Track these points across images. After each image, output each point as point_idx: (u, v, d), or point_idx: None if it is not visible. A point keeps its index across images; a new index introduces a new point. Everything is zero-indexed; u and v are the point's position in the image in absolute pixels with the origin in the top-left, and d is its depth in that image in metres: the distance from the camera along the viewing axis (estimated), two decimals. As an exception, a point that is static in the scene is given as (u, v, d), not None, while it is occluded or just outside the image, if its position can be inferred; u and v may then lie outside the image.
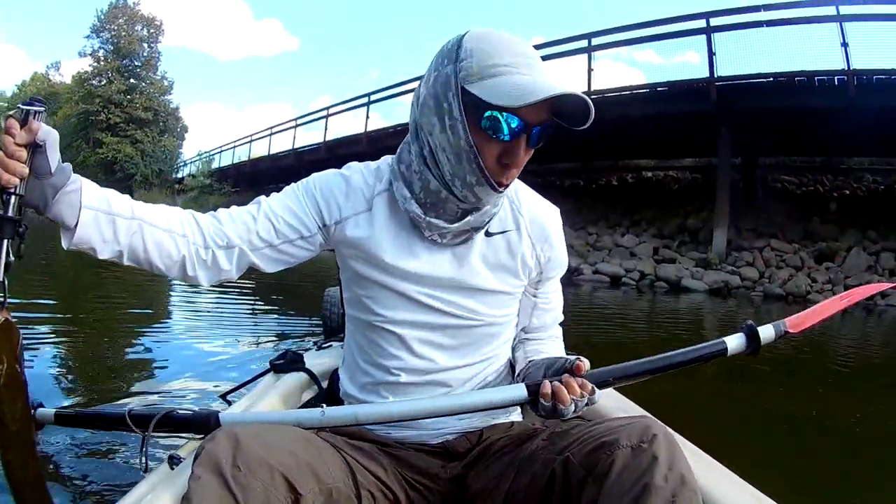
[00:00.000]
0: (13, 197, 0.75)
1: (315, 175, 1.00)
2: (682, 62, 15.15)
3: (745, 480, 0.89)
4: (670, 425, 0.85)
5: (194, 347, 3.69)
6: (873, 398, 3.21)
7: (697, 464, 0.83)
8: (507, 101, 0.80)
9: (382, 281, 0.96)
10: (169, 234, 0.88)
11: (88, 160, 30.29)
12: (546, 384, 0.84)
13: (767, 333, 1.00)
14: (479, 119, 0.83)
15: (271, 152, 20.59)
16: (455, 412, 0.91)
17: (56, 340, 3.54)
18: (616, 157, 14.62)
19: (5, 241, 0.76)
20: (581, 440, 0.81)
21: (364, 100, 15.75)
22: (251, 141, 22.44)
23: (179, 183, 27.82)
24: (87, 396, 2.51)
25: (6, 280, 0.77)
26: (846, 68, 8.62)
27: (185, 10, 75.67)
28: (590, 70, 10.73)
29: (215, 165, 25.29)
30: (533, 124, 0.84)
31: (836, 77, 8.74)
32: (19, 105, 0.75)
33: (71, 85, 32.48)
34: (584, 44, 10.92)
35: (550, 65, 11.06)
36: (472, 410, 0.91)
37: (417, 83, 0.94)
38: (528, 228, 1.01)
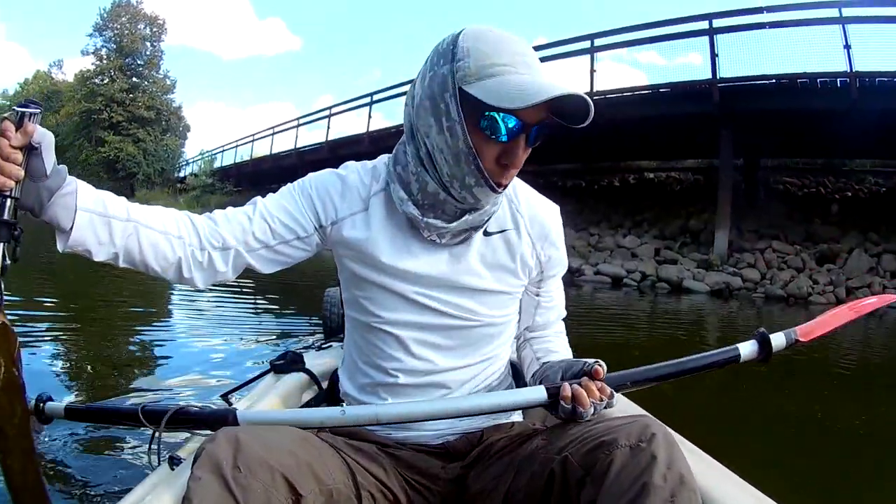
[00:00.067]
0: (8, 200, 0.74)
1: (311, 175, 0.99)
2: (685, 63, 15.15)
3: (745, 480, 0.89)
4: (670, 425, 0.86)
5: (194, 347, 3.69)
6: (874, 399, 3.20)
7: (697, 463, 0.83)
8: (508, 103, 0.79)
9: (380, 282, 0.95)
10: (164, 236, 0.87)
11: (91, 159, 30.42)
12: (566, 387, 0.87)
13: (778, 341, 1.03)
14: (478, 120, 0.82)
15: (273, 152, 20.57)
16: (476, 412, 0.92)
17: (57, 339, 3.55)
18: (618, 158, 14.59)
19: (1, 245, 0.75)
20: (580, 440, 0.81)
21: (366, 99, 15.75)
22: (253, 140, 22.46)
23: (181, 182, 27.75)
24: (87, 394, 2.52)
25: (2, 284, 0.76)
26: (848, 70, 8.60)
27: (188, 9, 76.08)
28: (592, 71, 10.69)
29: (217, 165, 25.25)
30: (531, 124, 0.83)
31: (839, 79, 8.72)
32: (14, 107, 0.74)
33: (73, 83, 32.56)
34: (587, 45, 10.88)
35: (553, 65, 11.11)
36: (494, 411, 0.92)
37: (411, 83, 0.93)
38: (528, 227, 1.00)
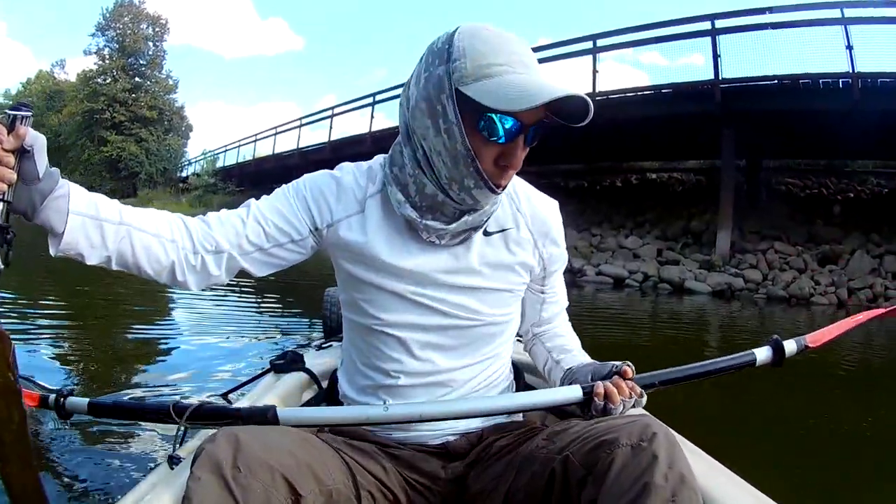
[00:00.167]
0: (1, 203, 0.73)
1: (305, 176, 0.98)
2: (687, 64, 15.16)
3: (746, 480, 0.90)
4: (670, 425, 0.87)
5: (194, 346, 3.71)
6: (875, 401, 3.18)
7: (697, 463, 0.84)
8: (508, 106, 0.78)
9: (379, 283, 0.94)
10: (157, 240, 0.87)
11: (93, 158, 30.45)
12: (599, 385, 0.89)
13: (790, 347, 1.08)
14: (476, 122, 0.81)
15: (276, 152, 20.55)
16: (515, 410, 0.95)
17: (56, 337, 3.57)
18: (620, 159, 14.58)
19: None
20: (581, 439, 0.81)
21: (369, 100, 15.77)
22: (256, 140, 22.45)
23: (184, 182, 27.71)
24: (86, 394, 2.51)
25: None
26: (851, 71, 8.59)
27: (191, 9, 76.18)
28: (595, 71, 10.69)
29: (220, 164, 25.22)
30: (530, 124, 0.82)
31: (841, 80, 8.71)
32: (6, 110, 0.73)
33: (76, 83, 32.52)
34: (590, 45, 10.88)
35: (556, 66, 11.09)
36: (533, 409, 0.96)
37: (405, 83, 0.91)
38: (530, 225, 1.00)
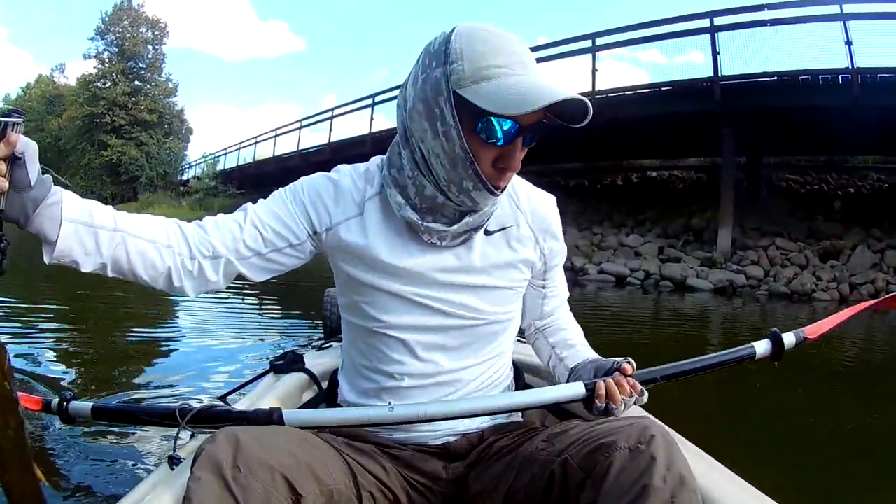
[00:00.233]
0: None
1: (303, 179, 0.97)
2: (687, 62, 15.14)
3: (746, 480, 0.90)
4: (670, 424, 0.87)
5: (194, 347, 3.72)
6: (876, 398, 3.15)
7: (697, 464, 0.84)
8: (506, 110, 0.77)
9: (381, 285, 0.94)
10: (153, 245, 0.85)
11: (93, 163, 30.47)
12: (601, 384, 0.90)
13: (789, 340, 1.09)
14: (475, 125, 0.81)
15: (276, 154, 20.60)
16: (519, 408, 0.96)
17: (55, 340, 3.58)
18: (620, 157, 14.60)
19: None
20: (580, 441, 0.81)
21: (368, 101, 15.80)
22: (256, 142, 22.50)
23: (185, 185, 27.75)
24: (86, 396, 2.48)
25: None
26: (850, 67, 8.60)
27: (190, 12, 76.10)
28: (594, 70, 10.71)
29: (220, 167, 25.23)
30: (529, 125, 0.82)
31: (841, 75, 8.72)
32: None
33: (75, 87, 32.55)
34: (588, 44, 10.90)
35: (555, 65, 11.12)
36: (537, 406, 0.97)
37: (402, 85, 0.90)
38: (530, 222, 1.00)
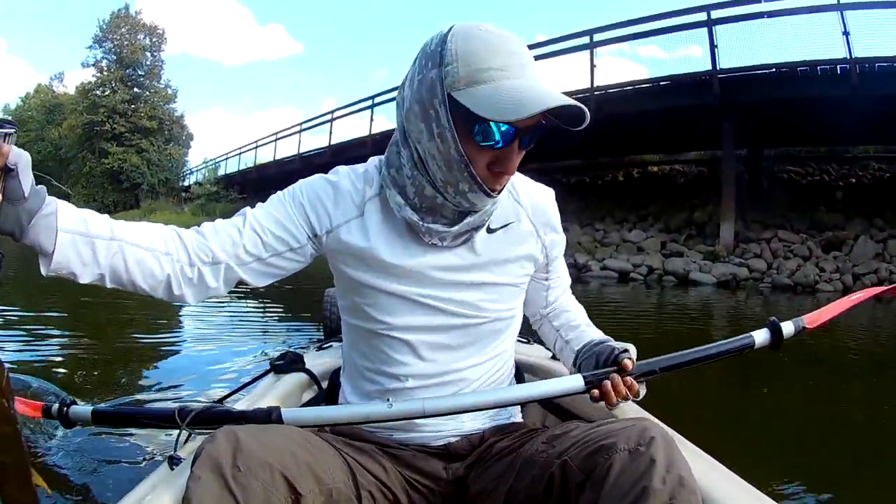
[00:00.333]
0: None
1: (301, 182, 0.96)
2: (686, 56, 15.03)
3: (746, 480, 0.89)
4: (670, 424, 0.88)
5: (194, 348, 3.74)
6: (881, 390, 3.09)
7: (697, 464, 0.83)
8: (499, 115, 0.77)
9: (383, 287, 0.93)
10: (151, 253, 0.84)
11: (94, 171, 30.53)
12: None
13: (788, 329, 1.09)
14: (470, 128, 0.80)
15: (277, 158, 20.64)
16: (519, 402, 0.96)
17: (55, 347, 3.60)
18: (621, 153, 14.59)
19: None
20: (579, 443, 0.81)
21: (368, 103, 15.83)
22: (256, 147, 22.57)
23: (186, 191, 27.80)
24: (87, 399, 2.47)
25: None
26: (848, 57, 8.63)
27: (188, 18, 76.15)
28: (592, 66, 10.73)
29: (221, 172, 25.28)
30: (525, 128, 0.81)
31: (839, 66, 8.75)
32: None
33: (75, 96, 32.58)
34: (587, 40, 10.92)
35: (553, 62, 11.13)
36: (537, 400, 0.97)
37: (401, 84, 0.89)
38: (531, 217, 0.99)
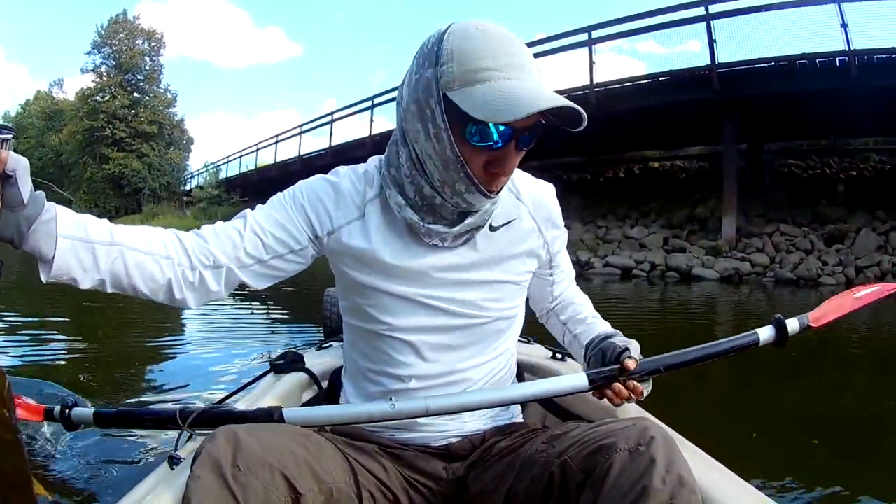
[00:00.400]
0: None
1: (301, 183, 0.95)
2: (685, 51, 15.06)
3: (746, 480, 0.89)
4: (670, 424, 0.89)
5: (193, 348, 3.76)
6: (883, 388, 3.05)
7: (697, 464, 0.83)
8: (492, 117, 0.76)
9: (385, 288, 0.92)
10: (152, 258, 0.83)
11: (96, 176, 30.57)
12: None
13: (793, 326, 1.09)
14: (464, 128, 0.80)
15: (278, 160, 20.70)
16: (522, 400, 0.97)
17: (54, 349, 3.61)
18: (622, 149, 14.61)
19: None
20: (579, 443, 0.81)
21: (367, 104, 15.86)
22: (257, 150, 22.63)
23: (188, 195, 27.82)
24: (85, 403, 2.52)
25: None
26: (847, 49, 8.63)
27: (187, 22, 76.04)
28: (591, 63, 10.74)
29: (223, 176, 25.33)
30: (523, 129, 0.80)
31: (838, 58, 8.76)
32: None
33: (75, 102, 32.54)
34: (585, 37, 10.92)
35: (553, 59, 11.13)
36: (540, 398, 0.99)
37: (401, 83, 0.89)
38: (533, 213, 0.99)
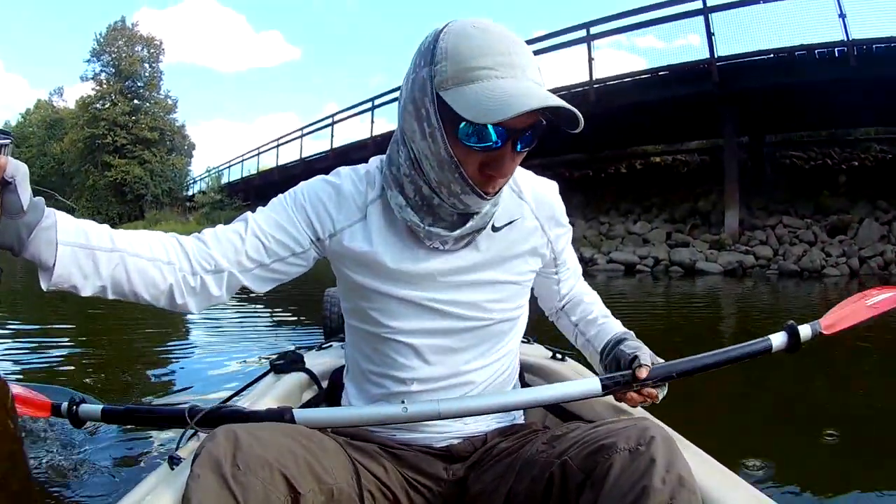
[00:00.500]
0: None
1: (303, 184, 0.94)
2: (685, 45, 15.03)
3: (746, 480, 0.89)
4: (670, 424, 0.89)
5: (194, 349, 3.77)
6: (889, 386, 2.97)
7: (697, 464, 0.83)
8: (481, 117, 0.75)
9: (388, 291, 0.92)
10: (153, 263, 0.83)
11: (98, 184, 30.64)
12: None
13: (805, 332, 1.08)
14: (456, 129, 0.78)
15: (279, 163, 20.73)
16: (535, 404, 0.97)
17: (53, 351, 3.63)
18: (623, 145, 14.61)
19: None
20: (579, 443, 0.81)
21: (368, 105, 15.90)
22: (259, 154, 22.68)
23: (190, 200, 27.86)
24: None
25: None
26: (845, 39, 8.63)
27: (185, 27, 75.83)
28: (590, 59, 10.74)
29: (225, 180, 25.36)
30: (520, 129, 0.79)
31: (836, 49, 8.75)
32: None
33: (75, 110, 32.58)
34: (583, 33, 10.91)
35: (551, 57, 11.13)
36: (552, 402, 0.98)
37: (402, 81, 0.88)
38: (535, 212, 0.98)
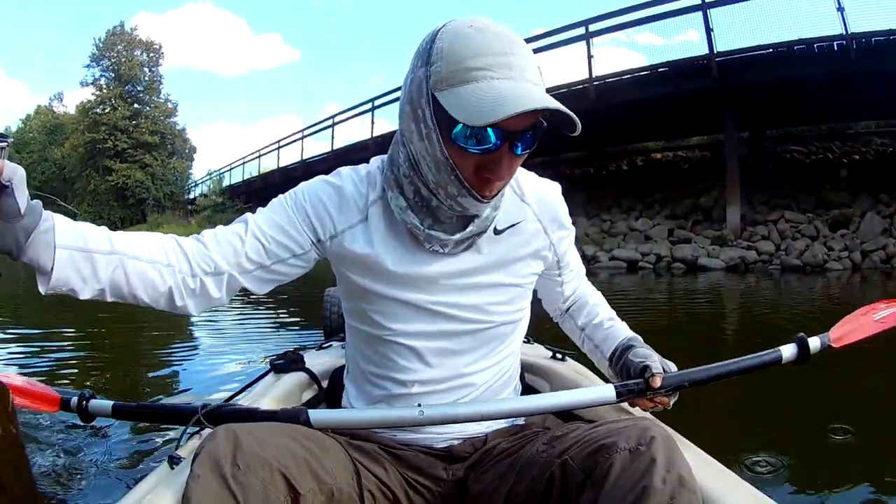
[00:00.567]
0: None
1: (303, 185, 0.94)
2: (685, 41, 15.05)
3: (746, 480, 0.89)
4: (671, 424, 0.89)
5: (193, 349, 3.80)
6: (889, 387, 2.91)
7: (698, 464, 0.84)
8: (469, 118, 0.74)
9: (389, 294, 0.91)
10: (152, 266, 0.83)
11: (99, 188, 30.67)
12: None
13: (814, 344, 1.09)
14: (451, 130, 0.77)
15: (280, 165, 20.77)
16: (551, 410, 0.97)
17: (51, 350, 3.68)
18: (623, 142, 14.62)
19: None
20: (580, 443, 0.81)
21: (368, 106, 15.93)
22: (260, 156, 22.70)
23: (192, 204, 27.89)
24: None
25: None
26: (844, 33, 8.63)
27: (184, 31, 75.81)
28: (590, 57, 10.75)
29: (226, 183, 25.39)
30: (517, 131, 0.77)
31: (836, 42, 8.75)
32: None
33: (75, 115, 32.56)
34: (582, 31, 10.92)
35: (551, 55, 11.11)
36: (566, 409, 0.99)
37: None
38: (538, 214, 0.97)
